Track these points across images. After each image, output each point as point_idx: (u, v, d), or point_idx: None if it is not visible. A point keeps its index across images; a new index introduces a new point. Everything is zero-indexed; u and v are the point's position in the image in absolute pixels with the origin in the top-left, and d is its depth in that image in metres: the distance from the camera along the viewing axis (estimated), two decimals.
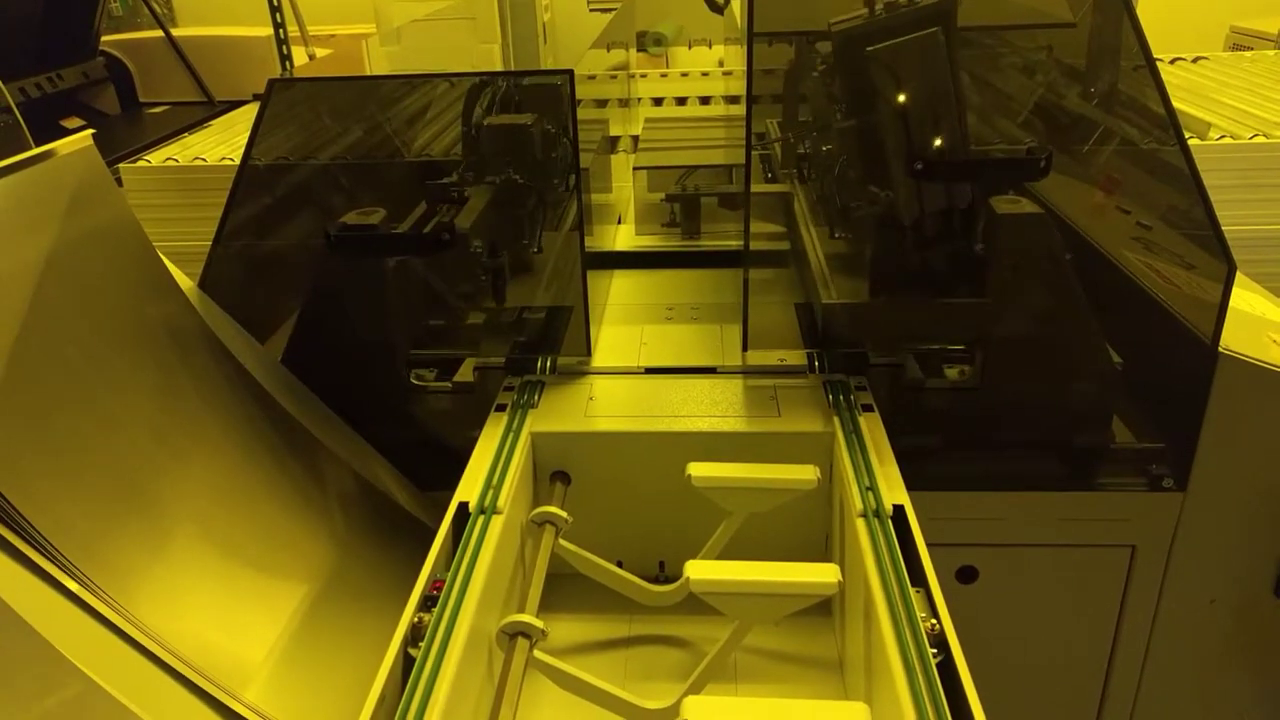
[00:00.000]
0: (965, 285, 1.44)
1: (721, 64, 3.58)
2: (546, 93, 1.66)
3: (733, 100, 2.93)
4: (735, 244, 1.95)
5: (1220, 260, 1.30)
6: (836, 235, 1.57)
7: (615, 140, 2.55)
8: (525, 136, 1.58)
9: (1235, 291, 1.33)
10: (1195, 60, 2.94)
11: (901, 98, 1.35)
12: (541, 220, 1.66)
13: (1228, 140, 2.11)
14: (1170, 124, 1.34)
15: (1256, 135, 2.10)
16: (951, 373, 1.48)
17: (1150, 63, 1.37)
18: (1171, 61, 2.92)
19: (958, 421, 1.46)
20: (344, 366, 1.51)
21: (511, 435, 1.33)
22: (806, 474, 1.24)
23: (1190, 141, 1.34)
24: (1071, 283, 1.37)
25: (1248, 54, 3.10)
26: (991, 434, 1.46)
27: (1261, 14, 3.71)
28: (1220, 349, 1.34)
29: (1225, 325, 1.34)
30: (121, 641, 0.97)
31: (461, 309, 1.61)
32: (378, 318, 1.51)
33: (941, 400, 1.47)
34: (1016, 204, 1.37)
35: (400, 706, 0.92)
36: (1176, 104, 1.36)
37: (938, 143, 1.35)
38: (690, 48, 3.85)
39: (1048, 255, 1.37)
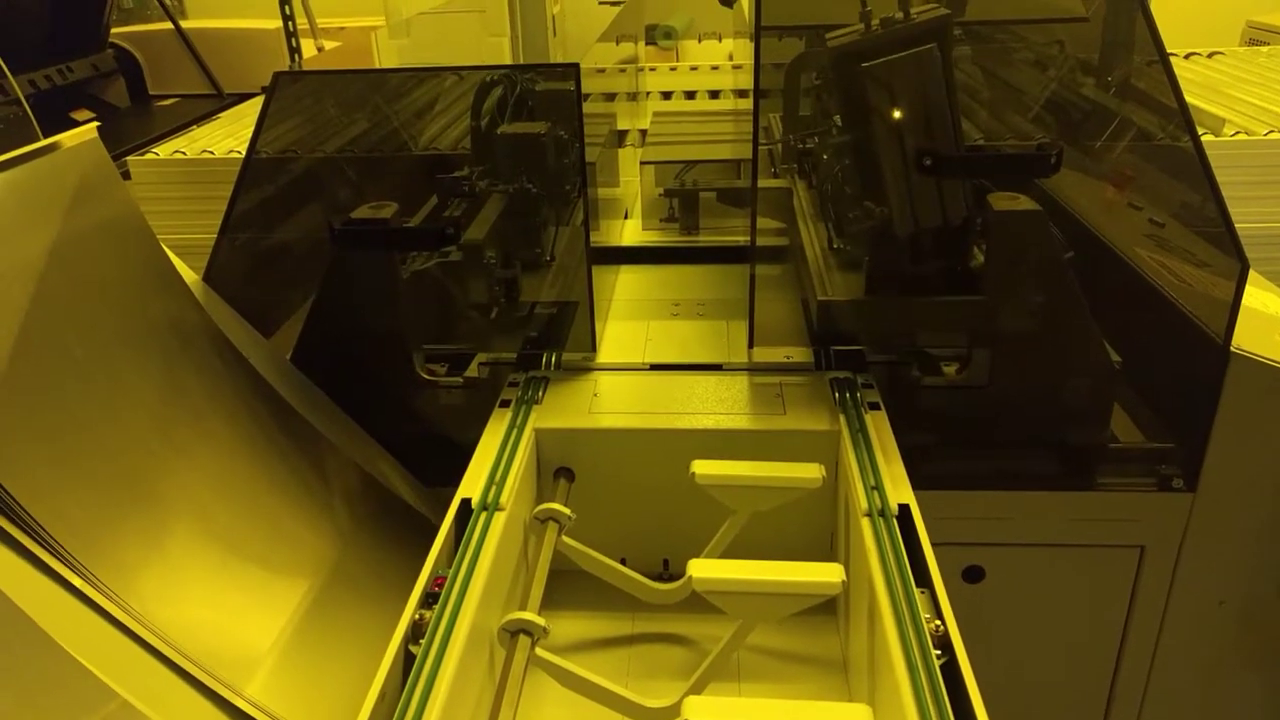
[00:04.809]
0: (962, 282, 1.42)
1: (731, 58, 3.56)
2: (556, 95, 1.64)
3: (742, 94, 2.91)
4: (738, 239, 1.94)
5: (1233, 258, 1.29)
6: (834, 245, 1.56)
7: (623, 134, 2.53)
8: (537, 145, 1.56)
9: (1247, 290, 1.31)
10: (1210, 55, 2.91)
11: (898, 113, 1.35)
12: (554, 227, 1.64)
13: (1242, 136, 2.08)
14: (1183, 119, 1.32)
15: (1272, 131, 2.08)
16: (948, 370, 1.47)
17: (1163, 57, 1.35)
18: (1186, 56, 2.89)
19: (963, 420, 1.45)
20: (349, 361, 1.50)
21: (515, 431, 1.33)
22: (811, 472, 1.23)
23: (1204, 138, 1.33)
24: (1068, 280, 1.36)
25: (1264, 49, 3.07)
26: (997, 433, 1.45)
27: (1278, 8, 3.66)
28: (1232, 348, 1.33)
29: (1237, 324, 1.32)
30: (122, 635, 0.97)
31: (471, 310, 1.60)
32: (384, 312, 1.50)
33: (947, 399, 1.45)
34: (1014, 201, 1.35)
35: (400, 704, 0.92)
36: (1191, 100, 1.35)
37: None
38: (700, 41, 3.83)
39: (1044, 253, 1.35)
